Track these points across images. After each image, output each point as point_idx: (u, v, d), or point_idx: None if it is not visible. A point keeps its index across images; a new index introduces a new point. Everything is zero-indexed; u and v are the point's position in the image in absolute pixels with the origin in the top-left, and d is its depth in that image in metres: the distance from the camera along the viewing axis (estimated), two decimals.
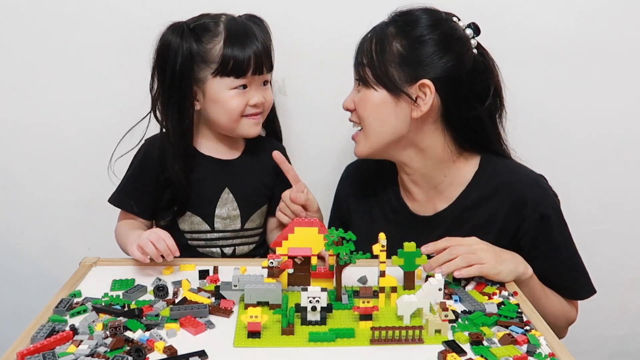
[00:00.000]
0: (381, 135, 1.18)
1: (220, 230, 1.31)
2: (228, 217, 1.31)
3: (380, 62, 1.14)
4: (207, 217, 1.30)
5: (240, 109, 1.24)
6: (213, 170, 1.31)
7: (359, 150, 1.23)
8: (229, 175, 1.31)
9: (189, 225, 1.31)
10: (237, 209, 1.31)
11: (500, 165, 1.22)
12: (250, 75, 1.23)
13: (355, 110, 1.20)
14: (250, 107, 1.25)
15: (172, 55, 1.22)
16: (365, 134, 1.20)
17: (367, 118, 1.17)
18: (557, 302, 1.20)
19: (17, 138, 1.56)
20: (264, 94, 1.26)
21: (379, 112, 1.16)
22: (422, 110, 1.13)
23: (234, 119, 1.25)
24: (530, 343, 0.87)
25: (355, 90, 1.21)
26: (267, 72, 1.26)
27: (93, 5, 1.46)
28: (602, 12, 1.50)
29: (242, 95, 1.24)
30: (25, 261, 1.65)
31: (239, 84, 1.23)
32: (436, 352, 0.85)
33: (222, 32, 1.23)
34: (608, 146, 1.59)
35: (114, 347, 0.83)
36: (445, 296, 0.99)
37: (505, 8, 1.48)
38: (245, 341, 0.86)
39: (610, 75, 1.54)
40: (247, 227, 1.33)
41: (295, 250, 1.01)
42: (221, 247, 1.32)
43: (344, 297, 0.99)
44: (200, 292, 1.02)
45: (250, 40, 1.23)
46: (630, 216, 1.64)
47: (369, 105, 1.17)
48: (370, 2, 1.36)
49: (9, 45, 1.49)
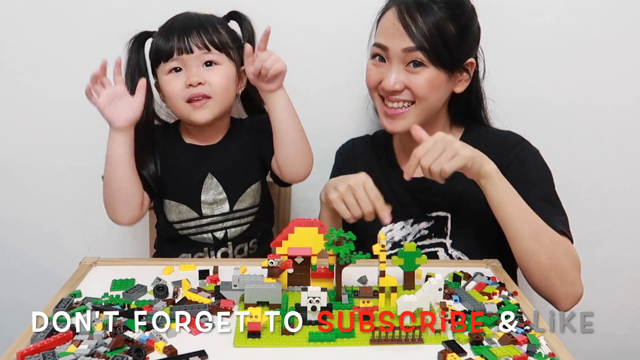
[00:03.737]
0: (431, 110, 1.26)
1: (208, 215, 1.32)
2: (215, 202, 1.31)
3: (440, 44, 1.19)
4: (193, 205, 1.31)
5: (176, 91, 1.25)
6: (194, 158, 1.32)
7: (403, 126, 1.25)
8: (210, 161, 1.32)
9: (177, 215, 1.32)
10: (222, 192, 1.32)
11: (483, 130, 1.34)
12: (177, 55, 1.23)
13: (404, 90, 1.23)
14: (188, 88, 1.24)
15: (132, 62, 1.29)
16: (417, 111, 1.24)
17: (427, 97, 1.23)
18: (539, 226, 1.16)
19: (17, 138, 1.56)
20: (205, 75, 1.24)
21: (437, 90, 1.23)
22: (464, 86, 1.26)
23: (177, 104, 1.26)
24: (530, 343, 0.87)
25: (402, 71, 1.22)
26: (202, 50, 1.24)
27: (93, 5, 1.46)
28: (602, 11, 1.50)
29: (177, 77, 1.25)
30: (25, 261, 1.65)
31: (171, 67, 1.25)
32: (436, 352, 0.85)
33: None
34: (608, 146, 1.59)
35: (114, 347, 0.83)
36: (445, 296, 0.99)
37: (505, 7, 1.49)
38: (245, 341, 0.86)
39: (611, 74, 1.54)
40: (236, 209, 1.33)
41: (295, 250, 1.00)
42: (212, 232, 1.32)
43: (344, 297, 0.99)
44: (200, 292, 1.02)
45: (178, 24, 1.26)
46: (630, 216, 1.65)
47: (430, 85, 1.22)
48: (370, 2, 1.36)
49: (9, 44, 1.49)
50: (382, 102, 1.27)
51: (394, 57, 1.22)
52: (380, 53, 1.24)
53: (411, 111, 1.24)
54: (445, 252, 1.30)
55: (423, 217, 1.32)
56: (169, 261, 1.18)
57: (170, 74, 1.25)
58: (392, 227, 1.33)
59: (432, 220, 1.31)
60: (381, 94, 1.27)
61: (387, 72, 1.23)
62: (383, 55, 1.24)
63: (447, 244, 1.30)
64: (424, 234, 1.31)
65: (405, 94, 1.23)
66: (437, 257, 1.30)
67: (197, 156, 1.32)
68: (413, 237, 1.32)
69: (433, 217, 1.31)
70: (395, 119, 1.25)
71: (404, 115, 1.25)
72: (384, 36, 1.23)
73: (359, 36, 1.35)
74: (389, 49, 1.22)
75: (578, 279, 1.17)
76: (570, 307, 1.17)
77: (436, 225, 1.31)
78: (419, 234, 1.32)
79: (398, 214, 1.29)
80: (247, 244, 1.36)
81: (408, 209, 1.32)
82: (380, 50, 1.24)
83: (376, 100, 1.29)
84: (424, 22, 1.19)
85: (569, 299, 1.17)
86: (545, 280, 1.15)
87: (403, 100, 1.24)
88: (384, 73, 1.24)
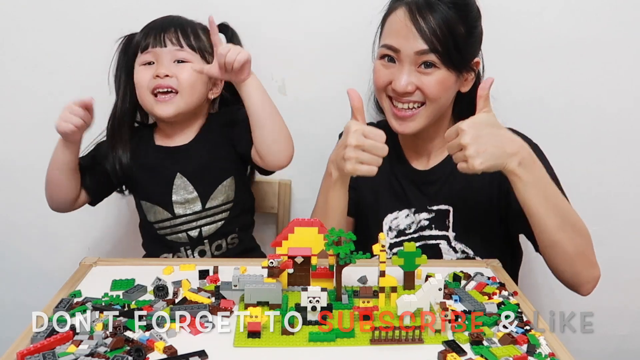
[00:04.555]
0: (440, 111, 1.26)
1: (181, 215, 1.33)
2: (186, 201, 1.32)
3: (451, 45, 1.19)
4: (165, 205, 1.33)
5: (144, 81, 1.27)
6: (162, 158, 1.34)
7: (414, 127, 1.26)
8: (180, 160, 1.33)
9: (154, 215, 1.34)
10: (193, 191, 1.32)
11: None
12: (152, 47, 1.26)
13: (415, 91, 1.23)
14: (155, 79, 1.26)
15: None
16: (428, 112, 1.25)
17: (438, 97, 1.23)
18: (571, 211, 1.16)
19: (17, 138, 1.56)
20: (175, 70, 1.27)
21: (448, 91, 1.24)
22: (470, 85, 1.27)
23: (143, 95, 1.29)
24: (530, 343, 0.87)
25: (413, 72, 1.22)
26: (175, 46, 1.27)
27: (93, 5, 1.46)
28: (601, 11, 1.50)
29: (148, 69, 1.28)
30: (25, 261, 1.65)
31: (145, 59, 1.28)
32: (436, 352, 0.85)
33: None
34: (608, 146, 1.59)
35: (114, 347, 0.83)
36: (445, 296, 0.99)
37: (504, 7, 1.49)
38: (245, 341, 0.86)
39: (610, 75, 1.54)
40: (209, 207, 1.33)
41: (295, 250, 1.00)
42: (186, 231, 1.33)
43: (344, 297, 0.99)
44: (200, 292, 1.02)
45: (160, 21, 1.30)
46: (630, 216, 1.65)
47: (441, 86, 1.22)
48: (369, 2, 1.36)
49: (9, 44, 1.49)
50: (391, 104, 1.26)
51: (406, 59, 1.21)
52: (391, 54, 1.23)
53: (421, 112, 1.24)
54: (448, 245, 1.31)
55: (424, 209, 1.32)
56: (169, 261, 1.19)
57: (143, 66, 1.29)
58: (398, 214, 1.34)
59: (433, 213, 1.32)
60: (390, 95, 1.26)
61: (398, 73, 1.22)
62: (393, 57, 1.23)
63: (450, 236, 1.31)
64: (424, 225, 1.32)
65: (416, 95, 1.23)
66: (439, 249, 1.31)
67: (165, 157, 1.34)
68: (417, 225, 1.33)
69: (434, 210, 1.31)
70: (405, 120, 1.25)
71: (414, 117, 1.25)
72: (395, 37, 1.22)
73: (359, 36, 1.36)
74: (400, 51, 1.21)
75: (596, 261, 1.19)
76: (592, 290, 1.19)
77: (437, 218, 1.31)
78: (420, 224, 1.33)
79: (403, 203, 1.32)
80: (224, 240, 1.36)
81: (412, 200, 1.33)
82: (391, 52, 1.23)
83: (384, 101, 1.28)
84: (435, 23, 1.18)
85: (591, 283, 1.19)
86: (570, 268, 1.16)
87: (413, 101, 1.24)
88: (394, 74, 1.23)
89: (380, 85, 1.27)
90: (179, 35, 1.27)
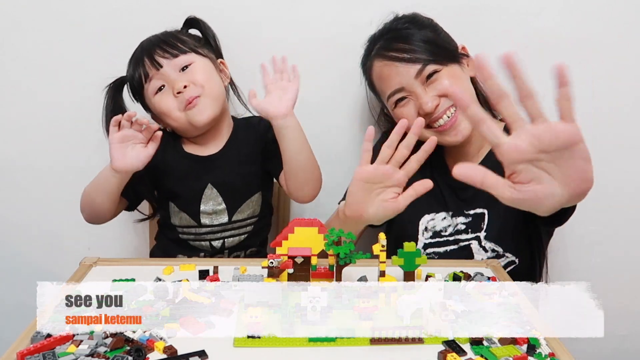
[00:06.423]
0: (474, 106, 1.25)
1: (207, 225, 1.33)
2: (214, 212, 1.32)
3: (434, 47, 1.25)
4: (193, 214, 1.32)
5: (171, 104, 1.25)
6: (194, 168, 1.32)
7: (463, 128, 1.26)
8: (211, 171, 1.32)
9: (179, 220, 1.33)
10: (222, 203, 1.32)
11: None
12: (151, 72, 1.25)
13: (441, 99, 1.24)
14: (177, 96, 1.24)
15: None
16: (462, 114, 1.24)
17: (460, 89, 1.21)
18: None
19: (17, 138, 1.56)
20: (188, 77, 1.25)
21: (461, 82, 1.26)
22: (473, 69, 1.29)
23: (175, 117, 1.26)
24: (530, 343, 0.87)
25: (427, 88, 1.25)
26: (170, 59, 1.25)
27: (93, 5, 1.46)
28: (601, 11, 1.50)
29: (165, 93, 1.26)
30: (25, 261, 1.65)
31: (154, 86, 1.26)
32: (436, 352, 0.85)
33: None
34: (608, 146, 1.59)
35: (114, 347, 0.83)
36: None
37: (503, 8, 1.49)
38: (245, 341, 0.86)
39: (610, 75, 1.54)
40: (235, 220, 1.33)
41: (295, 250, 1.00)
42: (210, 241, 1.33)
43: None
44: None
45: (140, 50, 1.28)
46: (630, 216, 1.64)
47: (453, 79, 1.24)
48: (369, 2, 1.36)
49: (9, 44, 1.49)
50: (434, 128, 1.26)
51: (413, 86, 1.25)
52: (400, 95, 1.27)
53: (458, 116, 1.25)
54: (478, 245, 1.32)
55: (461, 214, 1.34)
56: (169, 261, 1.18)
57: (157, 94, 1.26)
58: (435, 216, 1.35)
59: (470, 217, 1.33)
60: (427, 124, 1.25)
61: (417, 101, 1.26)
62: (404, 95, 1.27)
63: (481, 237, 1.32)
64: (461, 229, 1.33)
65: (444, 101, 1.25)
66: (470, 250, 1.32)
67: (197, 166, 1.32)
68: (453, 229, 1.34)
69: (471, 214, 1.33)
70: (452, 129, 1.26)
71: (457, 122, 1.26)
72: (390, 81, 1.27)
73: (359, 37, 1.36)
74: (404, 86, 1.25)
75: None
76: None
77: (473, 222, 1.33)
78: (457, 228, 1.34)
79: (441, 206, 1.34)
80: (243, 252, 1.37)
81: (449, 204, 1.35)
82: (398, 94, 1.27)
83: (427, 133, 1.25)
84: (408, 46, 1.25)
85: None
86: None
87: (445, 108, 1.25)
88: (416, 105, 1.26)
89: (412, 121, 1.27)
90: (166, 49, 1.26)
